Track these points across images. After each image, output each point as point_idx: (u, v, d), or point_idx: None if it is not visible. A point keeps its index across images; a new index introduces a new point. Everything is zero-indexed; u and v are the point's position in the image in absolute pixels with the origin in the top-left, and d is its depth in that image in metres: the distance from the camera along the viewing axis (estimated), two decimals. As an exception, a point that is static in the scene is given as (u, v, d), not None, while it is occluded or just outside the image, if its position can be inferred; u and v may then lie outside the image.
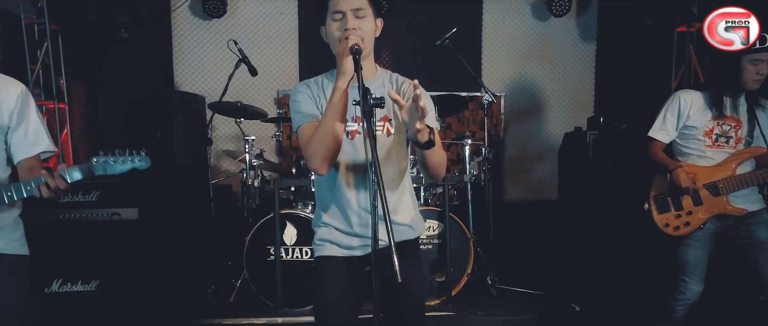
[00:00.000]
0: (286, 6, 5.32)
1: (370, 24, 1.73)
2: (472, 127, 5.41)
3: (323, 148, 1.62)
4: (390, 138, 1.80)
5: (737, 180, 2.60)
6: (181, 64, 5.32)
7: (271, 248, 3.58)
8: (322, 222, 1.84)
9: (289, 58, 5.37)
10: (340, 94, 1.60)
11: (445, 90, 5.30)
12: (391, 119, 1.80)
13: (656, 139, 2.75)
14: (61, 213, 3.40)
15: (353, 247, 1.79)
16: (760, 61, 2.52)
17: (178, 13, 5.25)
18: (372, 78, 1.84)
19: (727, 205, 2.62)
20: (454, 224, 3.66)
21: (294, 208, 3.70)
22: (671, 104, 2.72)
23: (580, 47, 5.47)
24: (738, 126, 2.65)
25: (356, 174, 1.77)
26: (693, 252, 2.70)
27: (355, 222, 1.77)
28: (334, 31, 1.71)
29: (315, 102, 1.78)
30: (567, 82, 5.51)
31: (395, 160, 1.81)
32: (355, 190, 1.77)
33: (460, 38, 3.99)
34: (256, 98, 5.30)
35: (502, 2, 5.40)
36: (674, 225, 2.67)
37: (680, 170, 2.62)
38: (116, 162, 1.87)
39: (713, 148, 2.66)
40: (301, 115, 1.75)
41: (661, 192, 2.71)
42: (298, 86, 1.83)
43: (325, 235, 1.83)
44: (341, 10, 1.69)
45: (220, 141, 5.31)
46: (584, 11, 5.42)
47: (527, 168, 5.56)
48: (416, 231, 1.89)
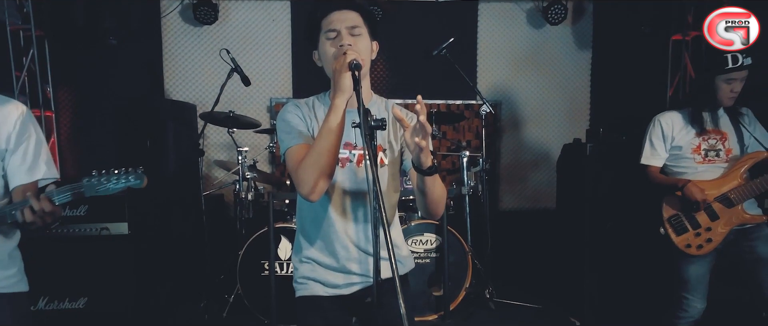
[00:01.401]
0: (279, 12, 5.24)
1: (366, 42, 1.63)
2: (468, 135, 5.37)
3: (317, 171, 1.46)
4: (384, 168, 1.68)
5: (748, 187, 2.57)
6: (172, 72, 5.21)
7: (265, 263, 3.50)
8: (305, 256, 1.70)
9: (282, 66, 5.29)
10: (337, 113, 1.47)
11: (440, 98, 5.30)
12: (385, 149, 1.70)
13: (651, 165, 2.77)
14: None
15: (339, 285, 1.67)
16: (734, 80, 2.56)
17: (168, 19, 5.15)
18: (368, 103, 1.72)
19: (743, 214, 2.60)
20: (452, 237, 3.60)
21: (288, 221, 3.62)
22: (653, 129, 2.76)
23: (575, 55, 5.44)
24: (724, 138, 2.65)
25: (345, 205, 1.65)
26: (695, 269, 2.67)
27: (343, 256, 1.65)
28: (328, 49, 1.60)
29: (306, 124, 1.65)
30: (563, 90, 5.48)
31: (388, 192, 1.71)
32: (344, 222, 1.65)
33: (455, 45, 3.93)
34: (249, 107, 5.21)
35: (497, 10, 5.36)
36: (696, 244, 2.63)
37: (691, 184, 2.60)
38: (109, 181, 1.71)
39: (705, 163, 2.66)
40: (291, 137, 1.61)
41: (674, 213, 2.67)
42: (287, 107, 1.70)
43: (307, 273, 1.69)
44: (335, 28, 1.59)
45: (212, 149, 5.21)
46: (579, 19, 5.39)
47: (523, 176, 5.52)
48: (407, 266, 1.80)
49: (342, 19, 1.59)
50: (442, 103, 5.31)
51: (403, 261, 1.77)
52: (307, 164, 1.48)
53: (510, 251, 4.66)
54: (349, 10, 1.61)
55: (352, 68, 1.41)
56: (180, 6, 5.12)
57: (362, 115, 1.34)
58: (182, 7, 5.12)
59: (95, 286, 3.26)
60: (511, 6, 5.35)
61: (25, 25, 4.77)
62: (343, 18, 1.60)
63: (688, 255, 2.64)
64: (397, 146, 1.74)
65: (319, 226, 1.67)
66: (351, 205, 1.65)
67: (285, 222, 3.58)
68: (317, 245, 1.69)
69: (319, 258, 1.68)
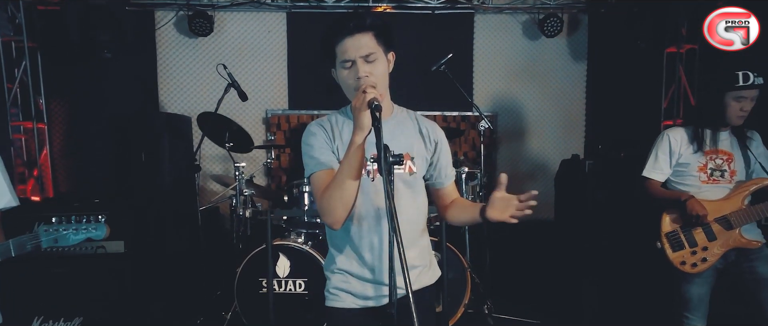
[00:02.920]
0: (275, 23, 5.22)
1: (383, 65, 1.64)
2: (464, 147, 5.37)
3: (339, 204, 1.53)
4: (412, 176, 1.72)
5: (748, 212, 2.57)
6: (166, 83, 5.17)
7: (262, 280, 3.46)
8: (338, 268, 1.73)
9: (277, 77, 5.26)
10: (356, 150, 1.49)
11: (438, 109, 5.30)
12: (413, 157, 1.72)
13: (651, 178, 2.73)
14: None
15: (370, 297, 1.70)
16: (744, 98, 2.52)
17: (162, 30, 5.11)
18: (389, 116, 1.74)
19: (740, 238, 2.60)
20: (451, 254, 3.58)
21: (286, 238, 3.59)
22: (661, 143, 2.72)
23: (571, 67, 5.47)
24: (730, 159, 2.63)
25: (377, 218, 1.67)
26: (696, 289, 2.67)
27: (377, 267, 1.68)
28: (346, 78, 1.62)
29: (330, 145, 1.68)
30: (558, 101, 5.49)
31: (419, 199, 1.76)
32: (376, 235, 1.67)
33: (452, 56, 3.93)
34: (245, 118, 5.18)
35: (493, 21, 5.37)
36: (691, 262, 2.62)
37: (694, 200, 2.58)
38: (68, 230, 1.67)
39: (709, 183, 2.64)
40: (315, 162, 1.65)
41: (673, 229, 2.67)
42: (311, 127, 1.72)
43: (339, 284, 1.73)
44: (350, 58, 1.59)
45: (207, 161, 5.17)
46: (575, 31, 5.42)
47: (519, 187, 5.49)
48: (436, 273, 1.84)
49: (356, 47, 1.59)
50: (439, 114, 5.32)
51: (434, 269, 1.84)
52: (331, 196, 1.54)
53: (509, 264, 4.64)
54: (362, 34, 1.61)
55: (371, 107, 1.42)
56: (175, 18, 5.08)
57: (381, 154, 1.37)
58: (177, 18, 5.09)
59: (90, 305, 3.22)
60: (506, 18, 5.36)
61: (18, 37, 4.74)
62: (358, 46, 1.59)
63: (688, 274, 2.64)
64: (427, 158, 1.78)
65: (349, 238, 1.70)
66: (382, 217, 1.67)
67: (283, 240, 3.55)
68: (349, 256, 1.71)
69: (351, 269, 1.71)
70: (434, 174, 1.83)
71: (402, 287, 1.32)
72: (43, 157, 5.02)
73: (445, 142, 1.84)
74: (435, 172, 1.82)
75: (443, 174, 1.84)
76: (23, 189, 4.90)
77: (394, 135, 1.70)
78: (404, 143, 1.72)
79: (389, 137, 1.64)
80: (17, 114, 4.86)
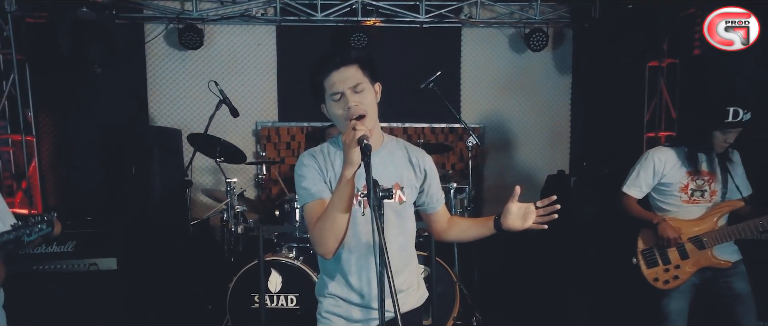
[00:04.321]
0: (265, 36, 5.26)
1: (370, 95, 1.71)
2: (452, 159, 5.45)
3: (331, 236, 1.59)
4: (402, 205, 1.79)
5: (720, 233, 2.69)
6: (156, 96, 5.19)
7: (255, 295, 3.50)
8: (329, 293, 1.80)
9: (267, 90, 5.31)
10: (346, 184, 1.55)
11: (426, 121, 5.38)
12: (403, 187, 1.79)
13: (629, 194, 2.83)
14: (34, 264, 3.26)
15: (359, 320, 1.77)
16: (730, 132, 2.63)
17: (152, 43, 5.12)
18: (379, 147, 1.79)
19: (712, 258, 2.71)
20: (440, 268, 3.66)
21: (278, 253, 3.63)
22: (645, 163, 2.81)
23: (556, 79, 5.58)
24: (711, 179, 2.74)
25: (368, 247, 1.73)
26: (675, 304, 2.79)
27: (365, 292, 1.75)
28: (336, 111, 1.68)
29: (322, 175, 1.73)
30: (544, 113, 5.61)
31: (408, 226, 1.83)
32: (366, 263, 1.74)
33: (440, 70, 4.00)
34: (234, 131, 5.21)
35: (480, 35, 5.46)
36: (663, 279, 2.74)
37: (665, 223, 2.70)
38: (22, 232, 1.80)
39: (689, 203, 2.75)
40: (307, 193, 1.70)
41: (649, 247, 2.77)
42: (303, 158, 1.77)
43: (331, 308, 1.80)
44: (339, 90, 1.66)
45: (197, 174, 5.19)
46: (560, 45, 5.54)
47: (506, 197, 5.59)
48: (423, 295, 1.92)
49: (343, 79, 1.66)
50: (427, 126, 5.40)
51: (422, 290, 1.93)
52: (322, 228, 1.60)
53: (497, 275, 4.73)
54: (347, 66, 1.67)
55: (360, 144, 1.48)
56: (164, 31, 5.10)
57: (371, 188, 1.43)
58: (166, 31, 5.11)
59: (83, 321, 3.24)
60: (493, 32, 5.46)
61: (6, 50, 4.73)
62: (344, 78, 1.66)
63: (667, 290, 2.75)
64: (417, 187, 1.85)
65: (340, 266, 1.76)
66: (371, 245, 1.72)
67: (275, 255, 3.59)
68: (340, 282, 1.78)
69: (343, 294, 1.78)
70: (426, 201, 1.91)
71: (391, 310, 1.40)
72: (31, 169, 5.00)
73: (433, 169, 1.91)
74: (427, 199, 1.90)
75: (435, 199, 1.92)
76: (11, 202, 4.87)
77: (384, 165, 1.77)
78: (394, 173, 1.78)
79: (380, 168, 1.71)
80: (5, 126, 4.85)
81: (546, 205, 1.75)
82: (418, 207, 1.92)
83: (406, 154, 1.86)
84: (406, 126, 5.38)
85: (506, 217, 1.77)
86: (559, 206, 1.73)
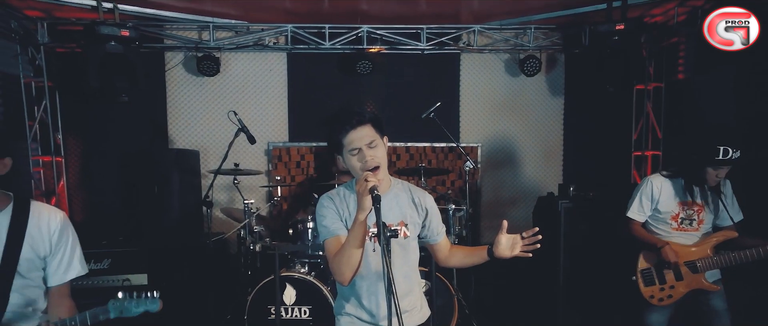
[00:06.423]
0: (276, 63, 5.63)
1: (382, 149, 2.06)
2: (451, 176, 5.79)
3: (347, 268, 1.94)
4: (406, 240, 2.13)
5: (713, 261, 2.96)
6: (175, 119, 5.57)
7: (271, 307, 3.84)
8: (345, 312, 2.14)
9: (278, 112, 5.68)
10: (359, 225, 1.90)
11: (426, 141, 5.73)
12: (407, 224, 2.13)
13: (634, 219, 3.11)
14: (75, 281, 3.59)
15: None
16: (721, 169, 2.84)
17: (172, 71, 5.50)
18: (387, 190, 2.13)
19: (702, 282, 3.00)
20: (439, 282, 3.99)
21: (292, 269, 3.98)
22: (644, 188, 3.07)
23: (549, 101, 5.92)
24: (700, 210, 3.01)
25: (378, 275, 2.07)
26: (656, 317, 3.11)
27: (377, 313, 2.08)
28: (354, 163, 2.02)
29: (339, 215, 2.08)
30: (538, 133, 5.95)
31: (412, 256, 2.18)
32: (377, 288, 2.08)
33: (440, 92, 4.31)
34: (247, 151, 5.55)
35: (477, 60, 5.82)
36: (659, 297, 3.04)
37: (668, 247, 2.96)
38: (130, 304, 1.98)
39: (678, 230, 3.04)
40: (327, 230, 2.06)
41: (647, 267, 3.07)
42: (323, 200, 2.13)
43: (346, 324, 2.14)
44: (357, 147, 2.01)
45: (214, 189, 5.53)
46: (552, 68, 5.88)
47: (502, 213, 5.95)
48: (426, 313, 2.26)
49: (360, 137, 2.00)
50: (428, 145, 5.75)
51: (427, 311, 2.26)
52: (340, 261, 1.94)
53: (494, 288, 5.06)
54: (362, 126, 2.03)
55: (371, 194, 1.82)
56: (183, 59, 5.48)
57: (380, 230, 1.80)
58: (185, 59, 5.49)
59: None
60: (490, 57, 5.82)
61: (38, 78, 5.11)
62: (361, 136, 2.01)
63: (650, 304, 3.06)
64: (419, 223, 2.19)
65: (355, 290, 2.10)
66: (380, 273, 2.05)
67: (289, 270, 3.93)
68: (354, 304, 2.12)
69: (357, 313, 2.11)
70: (428, 234, 2.26)
71: None
72: (60, 187, 5.38)
73: (434, 207, 2.26)
74: (429, 232, 2.25)
75: (436, 232, 2.27)
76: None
77: (391, 207, 2.12)
78: (399, 213, 2.14)
79: (386, 209, 2.07)
80: (37, 148, 5.22)
81: (530, 235, 2.08)
82: (421, 240, 2.26)
83: (409, 195, 2.20)
84: (408, 145, 5.73)
85: (497, 247, 2.10)
86: (541, 237, 2.07)
